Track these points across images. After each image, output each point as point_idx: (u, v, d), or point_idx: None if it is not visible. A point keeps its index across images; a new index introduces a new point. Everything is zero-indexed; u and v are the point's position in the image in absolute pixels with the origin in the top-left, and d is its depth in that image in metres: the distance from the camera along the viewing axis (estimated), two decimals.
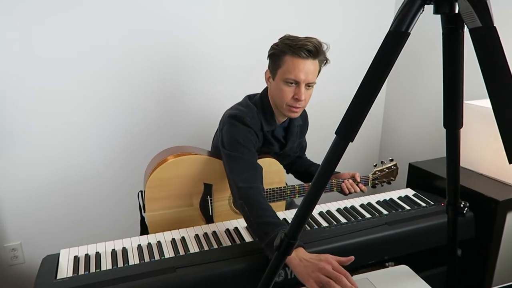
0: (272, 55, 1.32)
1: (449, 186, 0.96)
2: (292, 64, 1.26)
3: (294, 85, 1.28)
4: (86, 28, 1.70)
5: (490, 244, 1.41)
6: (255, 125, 1.35)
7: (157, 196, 1.39)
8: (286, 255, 0.81)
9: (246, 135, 1.32)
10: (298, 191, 1.47)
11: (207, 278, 1.08)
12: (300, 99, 1.28)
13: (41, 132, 1.76)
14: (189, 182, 1.41)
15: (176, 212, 1.42)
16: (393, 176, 1.60)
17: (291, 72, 1.26)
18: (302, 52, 1.24)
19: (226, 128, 1.34)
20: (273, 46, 1.33)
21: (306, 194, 0.78)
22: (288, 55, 1.26)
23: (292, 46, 1.25)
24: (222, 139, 1.35)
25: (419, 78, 2.19)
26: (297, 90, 1.28)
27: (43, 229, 1.88)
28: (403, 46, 0.66)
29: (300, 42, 1.24)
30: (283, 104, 1.32)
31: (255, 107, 1.38)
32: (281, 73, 1.29)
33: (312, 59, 1.27)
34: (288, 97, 1.29)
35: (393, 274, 1.10)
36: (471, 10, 0.59)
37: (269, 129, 1.40)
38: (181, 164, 1.40)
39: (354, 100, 0.70)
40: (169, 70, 1.90)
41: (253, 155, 1.31)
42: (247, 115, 1.34)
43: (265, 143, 1.43)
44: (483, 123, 1.51)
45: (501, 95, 0.58)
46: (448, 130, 0.86)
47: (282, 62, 1.28)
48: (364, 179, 1.53)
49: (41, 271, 1.11)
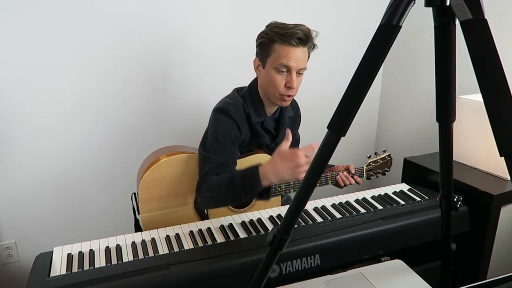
0: (261, 43, 1.31)
1: (443, 180, 0.96)
2: (283, 52, 1.24)
3: (286, 72, 1.28)
4: (78, 24, 1.68)
5: (484, 238, 1.41)
6: (239, 118, 1.33)
7: (150, 197, 1.38)
8: (279, 251, 0.81)
9: (227, 129, 1.31)
10: (293, 186, 1.47)
11: (202, 274, 1.08)
12: (292, 87, 1.28)
13: (34, 131, 1.75)
14: (182, 181, 1.40)
15: (171, 212, 1.41)
16: (387, 167, 1.59)
17: (282, 60, 1.25)
18: (293, 40, 1.23)
19: (210, 123, 1.35)
20: (261, 34, 1.31)
21: (299, 189, 0.78)
22: (278, 43, 1.25)
23: (282, 34, 1.23)
24: (205, 135, 1.36)
25: (413, 73, 2.19)
26: (288, 78, 1.28)
27: (37, 228, 1.88)
28: (394, 39, 0.66)
29: (290, 30, 1.23)
30: (276, 93, 1.31)
31: (243, 99, 1.37)
32: (271, 61, 1.28)
33: (302, 47, 1.26)
34: (280, 85, 1.29)
35: (387, 268, 1.10)
36: (462, 2, 0.59)
37: (259, 120, 1.38)
38: (174, 164, 1.39)
39: (346, 94, 0.69)
40: (161, 68, 1.89)
41: (228, 151, 1.31)
42: (231, 107, 1.33)
43: (254, 135, 1.41)
44: (476, 117, 1.51)
45: (492, 88, 0.58)
46: (440, 124, 0.86)
47: (272, 51, 1.27)
48: (359, 171, 1.53)
49: (34, 269, 1.11)
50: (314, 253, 1.18)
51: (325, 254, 1.20)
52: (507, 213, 1.43)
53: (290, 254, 1.15)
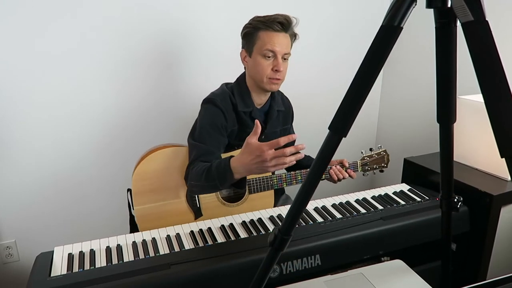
0: (246, 34, 1.39)
1: (443, 180, 0.96)
2: (267, 37, 1.33)
3: (272, 58, 1.35)
4: (77, 25, 1.69)
5: (484, 238, 1.41)
6: (225, 107, 1.39)
7: (143, 190, 1.40)
8: (280, 251, 0.81)
9: (213, 118, 1.37)
10: (285, 180, 1.48)
11: (202, 274, 1.08)
12: (279, 70, 1.35)
13: (33, 131, 1.75)
14: (174, 174, 1.42)
15: (163, 205, 1.42)
16: (384, 162, 1.59)
17: (267, 46, 1.33)
18: (275, 25, 1.32)
19: (199, 114, 1.42)
20: (245, 25, 1.39)
21: (300, 189, 0.78)
22: (262, 30, 1.33)
23: (264, 21, 1.33)
24: (194, 125, 1.43)
25: (413, 73, 2.19)
26: (275, 62, 1.35)
27: (37, 227, 1.88)
28: (395, 40, 0.66)
29: (271, 17, 1.33)
30: (263, 77, 1.37)
31: (231, 90, 1.44)
32: (257, 48, 1.35)
33: (284, 32, 1.34)
34: (267, 69, 1.35)
35: (388, 268, 1.10)
36: (463, 4, 0.59)
37: (246, 110, 1.43)
38: (165, 157, 1.42)
39: (347, 95, 0.70)
40: (162, 68, 1.89)
41: (214, 140, 1.37)
42: (218, 97, 1.40)
43: (243, 126, 1.45)
44: (476, 118, 1.51)
45: (493, 89, 0.58)
46: (441, 124, 0.86)
47: (257, 38, 1.35)
48: (353, 165, 1.53)
49: (35, 268, 1.11)
50: (314, 253, 1.18)
51: (325, 254, 1.20)
52: (507, 213, 1.43)
53: (291, 254, 1.15)
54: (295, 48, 1.41)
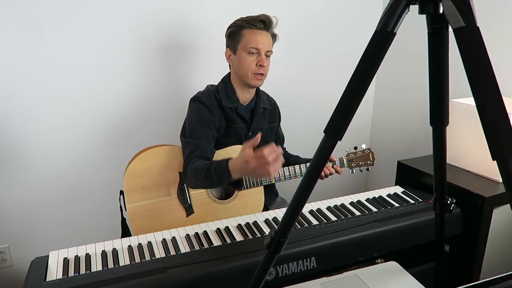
0: (230, 33, 1.47)
1: (436, 183, 0.97)
2: (251, 35, 1.43)
3: (255, 54, 1.43)
4: (76, 25, 1.69)
5: (477, 240, 1.43)
6: (211, 103, 1.47)
7: (135, 187, 1.42)
8: (276, 253, 0.82)
9: (200, 114, 1.45)
10: (274, 176, 1.52)
11: (198, 278, 1.08)
12: (263, 65, 1.44)
13: (27, 136, 1.74)
14: (165, 172, 1.45)
15: (155, 203, 1.44)
16: (369, 159, 1.62)
17: (252, 42, 1.42)
18: (258, 23, 1.42)
19: (187, 113, 1.49)
20: (230, 25, 1.48)
21: (296, 192, 0.79)
22: (246, 28, 1.43)
23: (247, 20, 1.43)
24: (184, 124, 1.49)
25: (406, 77, 2.22)
26: (259, 58, 1.44)
27: (31, 232, 1.87)
28: (389, 45, 0.67)
29: (254, 16, 1.44)
30: (248, 73, 1.45)
31: (216, 89, 1.52)
32: (242, 46, 1.44)
33: (266, 31, 1.45)
34: (252, 65, 1.44)
35: (382, 270, 1.11)
36: (454, 10, 0.60)
37: (231, 106, 1.50)
38: (156, 155, 1.46)
39: (342, 99, 0.71)
40: (160, 68, 1.90)
41: (204, 134, 1.44)
42: (203, 94, 1.49)
43: (229, 122, 1.51)
44: (469, 121, 1.53)
45: (484, 94, 0.59)
46: (434, 127, 0.87)
47: (241, 37, 1.44)
48: (339, 161, 1.59)
49: (30, 273, 1.10)
50: (310, 256, 1.19)
51: (321, 256, 1.21)
52: (499, 215, 1.45)
53: (287, 257, 1.16)
54: (288, 50, 1.43)
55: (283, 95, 1.86)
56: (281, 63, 2.02)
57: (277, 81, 1.88)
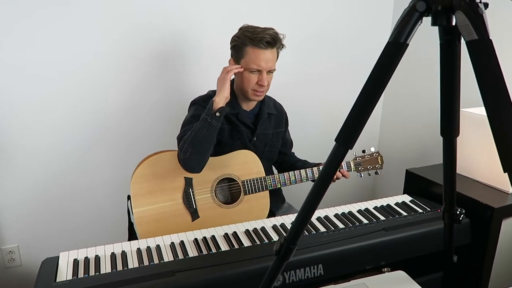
0: (234, 46, 1.46)
1: (446, 193, 0.97)
2: (253, 54, 1.41)
3: (257, 72, 1.43)
4: (75, 25, 1.70)
5: (485, 251, 1.42)
6: None
7: (141, 192, 1.43)
8: (285, 260, 0.82)
9: (196, 112, 1.46)
10: (279, 180, 1.53)
11: (206, 282, 1.09)
12: (263, 85, 1.44)
13: (36, 134, 1.76)
14: (170, 177, 1.47)
15: (161, 207, 1.45)
16: (377, 163, 1.62)
17: (253, 62, 1.41)
18: (262, 43, 1.39)
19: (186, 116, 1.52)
20: (234, 37, 1.46)
21: (306, 199, 0.79)
22: (249, 46, 1.41)
23: (252, 38, 1.39)
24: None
25: (415, 86, 2.21)
26: (260, 77, 1.44)
27: (40, 232, 1.89)
28: (401, 56, 0.68)
29: (259, 34, 1.39)
30: (248, 89, 1.46)
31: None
32: (244, 63, 1.44)
33: (271, 48, 1.42)
34: (252, 83, 1.45)
35: (389, 279, 1.11)
36: (467, 23, 0.61)
37: (231, 112, 1.50)
38: (161, 160, 1.47)
39: (353, 109, 0.71)
40: (168, 73, 1.91)
41: None
42: (202, 98, 1.53)
43: (232, 125, 1.53)
44: (479, 131, 1.53)
45: (496, 106, 0.59)
46: (445, 138, 0.87)
47: (244, 53, 1.43)
48: (346, 165, 1.59)
49: (41, 273, 1.12)
50: (317, 263, 1.19)
51: (328, 264, 1.21)
52: (508, 226, 1.44)
53: (294, 264, 1.16)
54: (297, 55, 1.42)
55: (292, 100, 1.87)
56: (290, 68, 2.03)
57: (286, 85, 1.89)
